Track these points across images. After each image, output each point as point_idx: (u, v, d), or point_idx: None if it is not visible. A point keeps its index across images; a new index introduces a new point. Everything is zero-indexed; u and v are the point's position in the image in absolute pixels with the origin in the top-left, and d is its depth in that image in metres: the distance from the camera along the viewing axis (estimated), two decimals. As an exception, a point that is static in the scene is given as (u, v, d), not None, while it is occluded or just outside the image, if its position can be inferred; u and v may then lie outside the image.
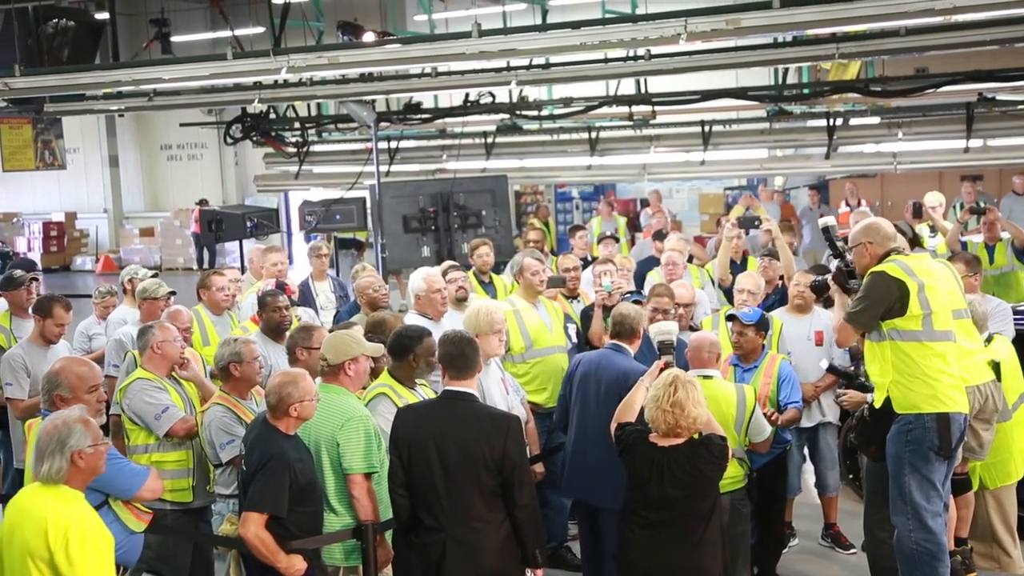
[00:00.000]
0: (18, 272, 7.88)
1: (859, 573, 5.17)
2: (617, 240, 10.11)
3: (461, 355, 4.76)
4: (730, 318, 6.35)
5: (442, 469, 4.54)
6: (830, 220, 5.60)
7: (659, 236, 10.40)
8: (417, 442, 4.62)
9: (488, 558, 4.52)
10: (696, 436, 4.74)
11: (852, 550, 6.72)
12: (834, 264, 5.71)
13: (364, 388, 5.32)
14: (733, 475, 5.54)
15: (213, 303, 7.27)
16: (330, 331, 5.84)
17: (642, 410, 4.87)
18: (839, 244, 5.34)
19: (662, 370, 5.04)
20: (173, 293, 7.36)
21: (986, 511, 5.77)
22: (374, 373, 5.44)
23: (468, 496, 4.51)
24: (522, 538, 4.56)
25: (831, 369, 6.27)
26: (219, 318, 7.30)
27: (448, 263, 8.18)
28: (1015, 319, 6.71)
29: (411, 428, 4.69)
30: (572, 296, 7.58)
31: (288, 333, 5.95)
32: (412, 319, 6.46)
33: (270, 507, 4.54)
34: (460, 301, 6.93)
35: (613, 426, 5.04)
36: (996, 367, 5.58)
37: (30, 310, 7.10)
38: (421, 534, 4.62)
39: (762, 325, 6.23)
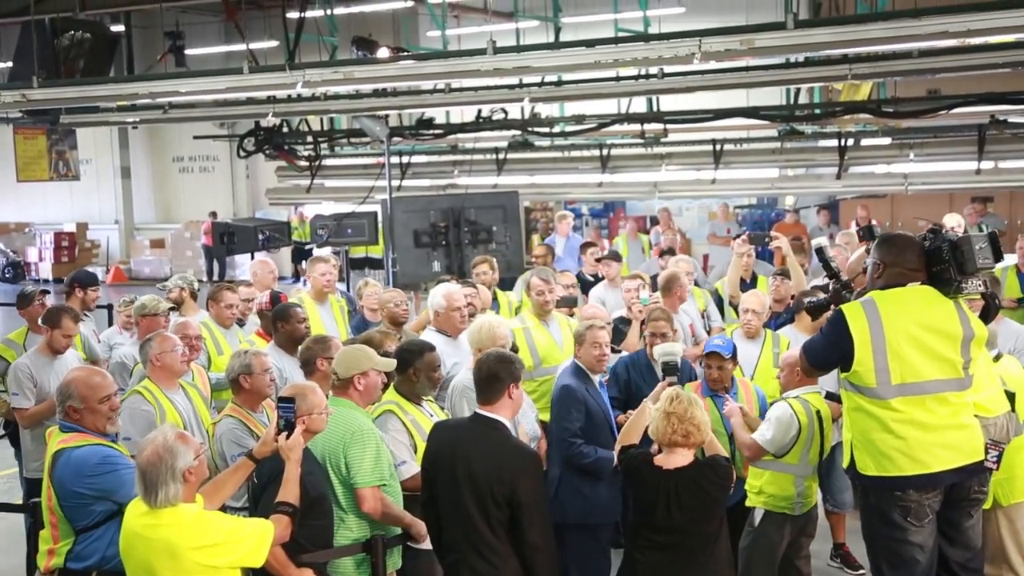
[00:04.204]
0: (28, 288, 7.97)
1: (868, 594, 5.17)
2: (619, 259, 10.10)
3: (487, 377, 4.60)
4: (710, 355, 6.03)
5: (455, 492, 4.48)
6: (823, 241, 5.61)
7: (667, 253, 10.42)
8: (440, 460, 4.57)
9: None
10: (700, 457, 4.75)
11: (861, 570, 6.71)
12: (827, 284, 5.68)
13: (374, 403, 5.34)
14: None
15: (220, 317, 7.34)
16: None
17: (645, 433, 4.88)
18: (833, 265, 5.34)
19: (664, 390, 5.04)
20: (173, 309, 7.40)
21: (998, 530, 5.73)
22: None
23: (475, 523, 4.41)
24: None
25: (829, 396, 6.26)
26: (227, 331, 7.36)
27: (461, 280, 8.21)
28: None
29: (437, 444, 4.66)
30: (568, 314, 7.60)
31: (301, 346, 5.93)
32: (430, 336, 6.48)
33: (281, 520, 4.54)
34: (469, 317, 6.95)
35: (616, 448, 5.03)
36: (1012, 397, 5.57)
37: (39, 321, 7.14)
38: (445, 553, 4.61)
39: (735, 354, 6.15)
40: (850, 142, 13.27)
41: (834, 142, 13.31)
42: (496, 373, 4.57)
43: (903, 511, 4.65)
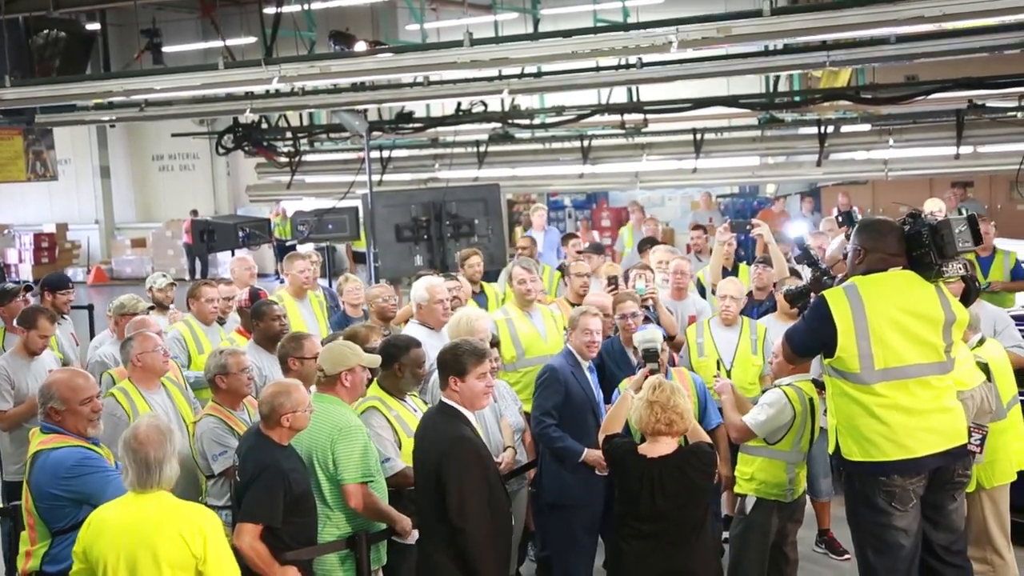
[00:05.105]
0: (9, 285, 7.89)
1: (853, 579, 5.18)
2: (601, 251, 10.05)
3: (440, 366, 4.74)
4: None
5: (419, 479, 4.64)
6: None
7: (648, 243, 10.37)
8: (416, 449, 4.70)
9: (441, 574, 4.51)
10: (684, 444, 4.74)
11: (846, 556, 6.74)
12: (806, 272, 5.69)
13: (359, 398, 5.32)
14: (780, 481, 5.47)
15: (201, 314, 7.29)
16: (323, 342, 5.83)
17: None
18: (813, 253, 5.34)
19: (646, 378, 5.02)
20: (152, 308, 7.35)
21: (982, 512, 5.76)
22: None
23: (423, 507, 4.56)
24: (465, 564, 4.47)
25: (813, 382, 6.27)
26: (209, 328, 7.31)
27: (445, 274, 8.17)
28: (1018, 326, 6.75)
29: (416, 434, 4.78)
30: (578, 303, 7.53)
31: (279, 343, 5.89)
32: (413, 329, 6.47)
33: (265, 517, 4.52)
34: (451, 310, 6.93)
35: (600, 438, 5.02)
36: (986, 368, 5.60)
37: (15, 322, 7.08)
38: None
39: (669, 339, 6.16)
40: (830, 129, 13.26)
41: (814, 129, 13.29)
42: (440, 364, 4.71)
43: (887, 496, 4.66)
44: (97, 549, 3.96)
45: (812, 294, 5.26)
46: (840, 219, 5.28)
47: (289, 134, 15.40)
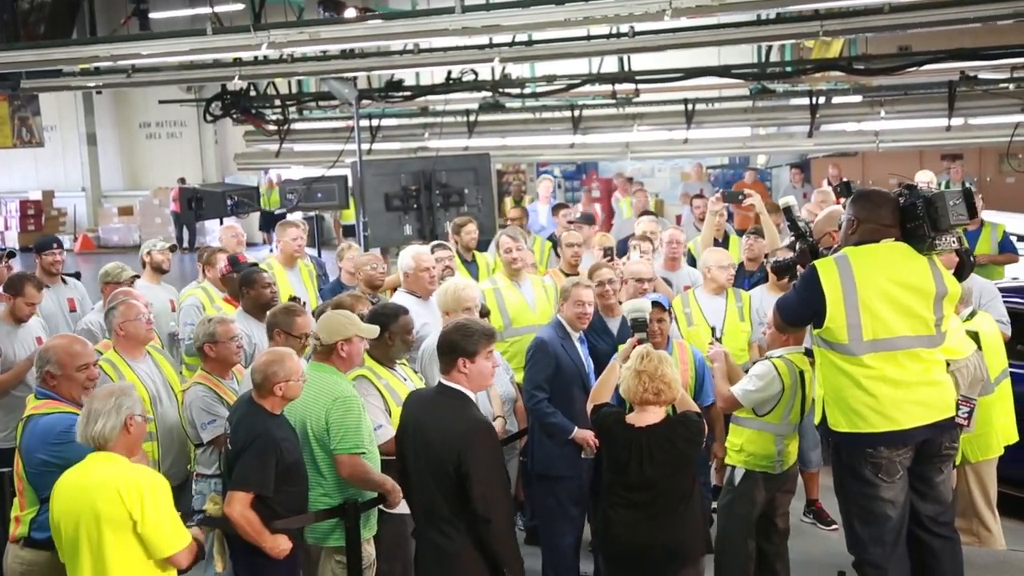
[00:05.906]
0: None
1: (841, 549, 5.20)
2: (592, 222, 10.02)
3: (440, 348, 4.54)
4: (654, 304, 5.76)
5: (417, 463, 4.45)
6: (791, 200, 5.57)
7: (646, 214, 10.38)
8: (409, 430, 4.54)
9: (458, 565, 4.34)
10: (672, 414, 4.75)
11: (833, 526, 6.78)
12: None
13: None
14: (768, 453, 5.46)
15: (216, 280, 7.28)
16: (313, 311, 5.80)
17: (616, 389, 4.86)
18: (801, 224, 5.31)
19: (634, 348, 5.00)
20: (136, 276, 7.31)
21: (967, 486, 5.81)
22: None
23: (432, 495, 4.36)
24: (488, 555, 4.32)
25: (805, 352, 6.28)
26: (223, 293, 7.29)
27: (436, 243, 8.15)
28: (1005, 298, 6.78)
29: (406, 415, 4.61)
30: (572, 273, 7.52)
31: (270, 311, 5.81)
32: (401, 297, 6.45)
33: (256, 486, 4.51)
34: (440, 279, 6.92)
35: (589, 407, 5.02)
36: (975, 337, 5.61)
37: (0, 288, 7.02)
38: (415, 523, 4.59)
39: (670, 308, 6.09)
40: (821, 100, 13.22)
41: (805, 100, 13.25)
42: (446, 345, 4.48)
43: (874, 467, 4.68)
44: (56, 513, 4.01)
45: (798, 267, 5.24)
46: (839, 189, 5.21)
47: (278, 102, 15.27)
